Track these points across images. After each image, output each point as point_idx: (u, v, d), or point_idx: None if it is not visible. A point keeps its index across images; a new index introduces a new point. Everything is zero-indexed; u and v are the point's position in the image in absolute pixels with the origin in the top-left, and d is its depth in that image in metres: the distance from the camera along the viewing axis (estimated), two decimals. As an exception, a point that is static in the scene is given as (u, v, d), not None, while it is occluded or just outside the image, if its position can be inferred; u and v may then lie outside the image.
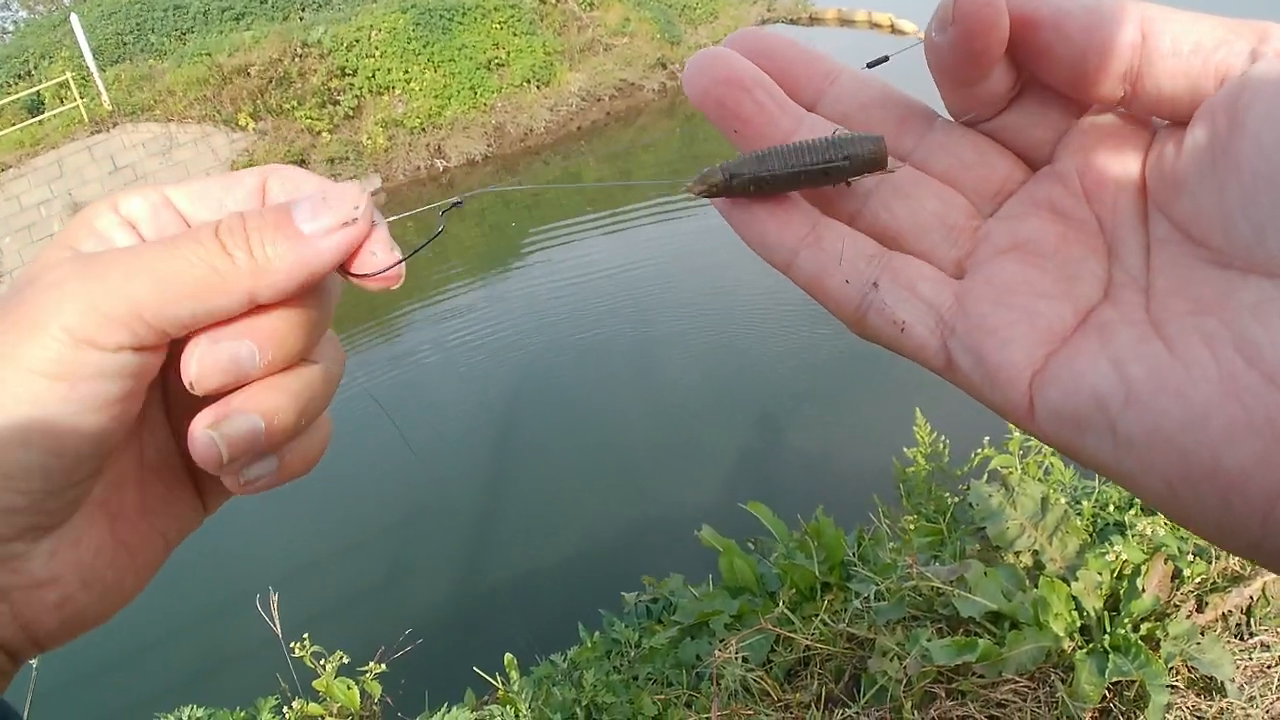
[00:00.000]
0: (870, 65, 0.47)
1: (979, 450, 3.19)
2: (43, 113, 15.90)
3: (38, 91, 16.30)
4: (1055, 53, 0.39)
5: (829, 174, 0.42)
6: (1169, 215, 0.38)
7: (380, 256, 0.43)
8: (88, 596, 0.45)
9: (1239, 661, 2.23)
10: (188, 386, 0.42)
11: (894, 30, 20.51)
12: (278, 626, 3.23)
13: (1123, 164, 0.41)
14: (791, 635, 2.51)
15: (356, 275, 0.44)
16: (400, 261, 0.44)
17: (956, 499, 3.10)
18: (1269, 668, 2.24)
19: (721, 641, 2.57)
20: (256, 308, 0.43)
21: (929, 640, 2.26)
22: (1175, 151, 0.37)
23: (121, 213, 0.46)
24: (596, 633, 3.11)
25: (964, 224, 0.43)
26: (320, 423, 0.49)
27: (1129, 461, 0.34)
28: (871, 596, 2.55)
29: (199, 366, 0.42)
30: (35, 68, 17.82)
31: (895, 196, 0.43)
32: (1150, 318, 0.36)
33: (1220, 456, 0.31)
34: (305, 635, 3.16)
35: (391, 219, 0.45)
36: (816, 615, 2.58)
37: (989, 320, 0.39)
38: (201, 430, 0.42)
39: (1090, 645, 2.25)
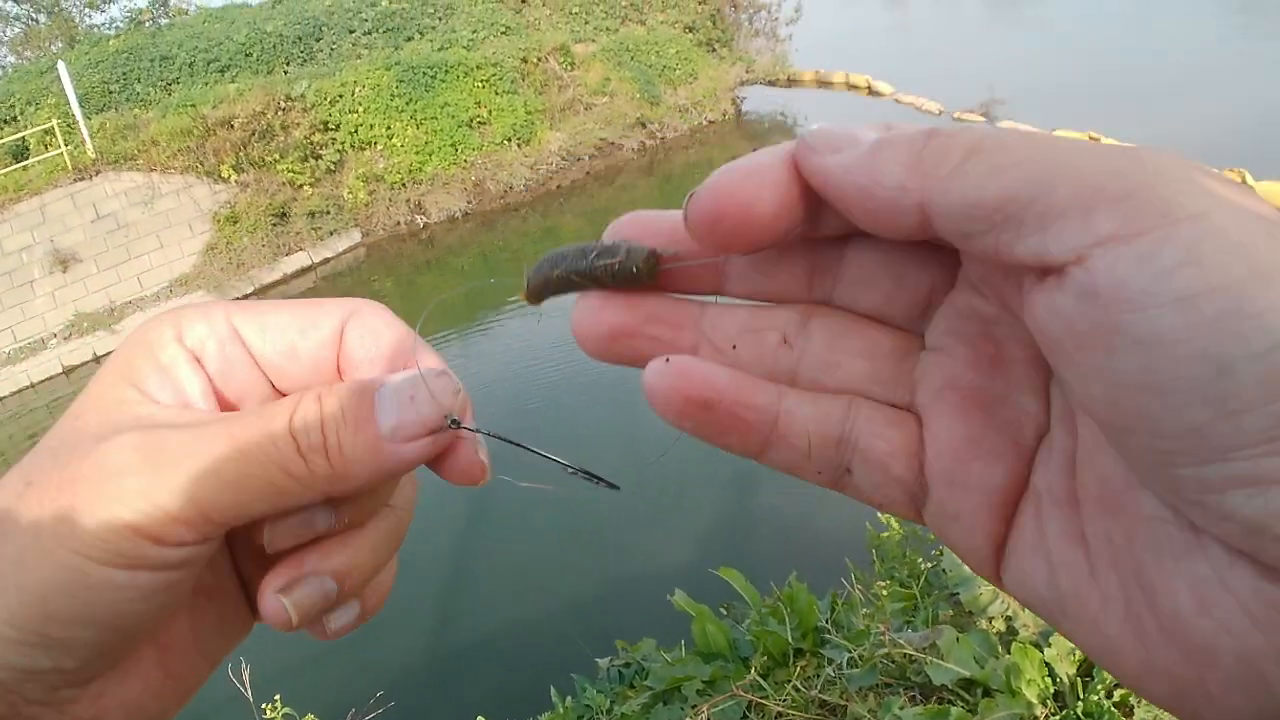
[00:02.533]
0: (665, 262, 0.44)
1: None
2: (27, 159, 15.91)
3: (23, 137, 16.31)
4: (848, 215, 0.36)
5: (600, 278, 0.42)
6: None
7: (465, 462, 0.43)
8: None
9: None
10: (265, 546, 0.42)
11: (870, 91, 20.80)
12: (249, 692, 3.19)
13: (1014, 277, 0.35)
14: (763, 702, 2.49)
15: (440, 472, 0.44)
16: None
17: (929, 564, 3.10)
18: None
19: (694, 708, 2.55)
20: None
21: (901, 708, 2.25)
22: (1037, 300, 0.32)
23: (187, 344, 0.44)
24: (568, 698, 3.07)
25: (898, 370, 0.40)
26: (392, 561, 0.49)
27: (1081, 650, 0.35)
28: (844, 663, 2.53)
29: (273, 535, 0.42)
30: (21, 113, 17.84)
31: (823, 369, 0.41)
32: (1073, 494, 0.34)
33: (1141, 687, 0.32)
34: (276, 696, 3.12)
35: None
36: (789, 681, 2.56)
37: (948, 505, 0.38)
38: (272, 595, 0.42)
39: (1064, 712, 2.24)
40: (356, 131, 17.30)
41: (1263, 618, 0.28)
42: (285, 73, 19.57)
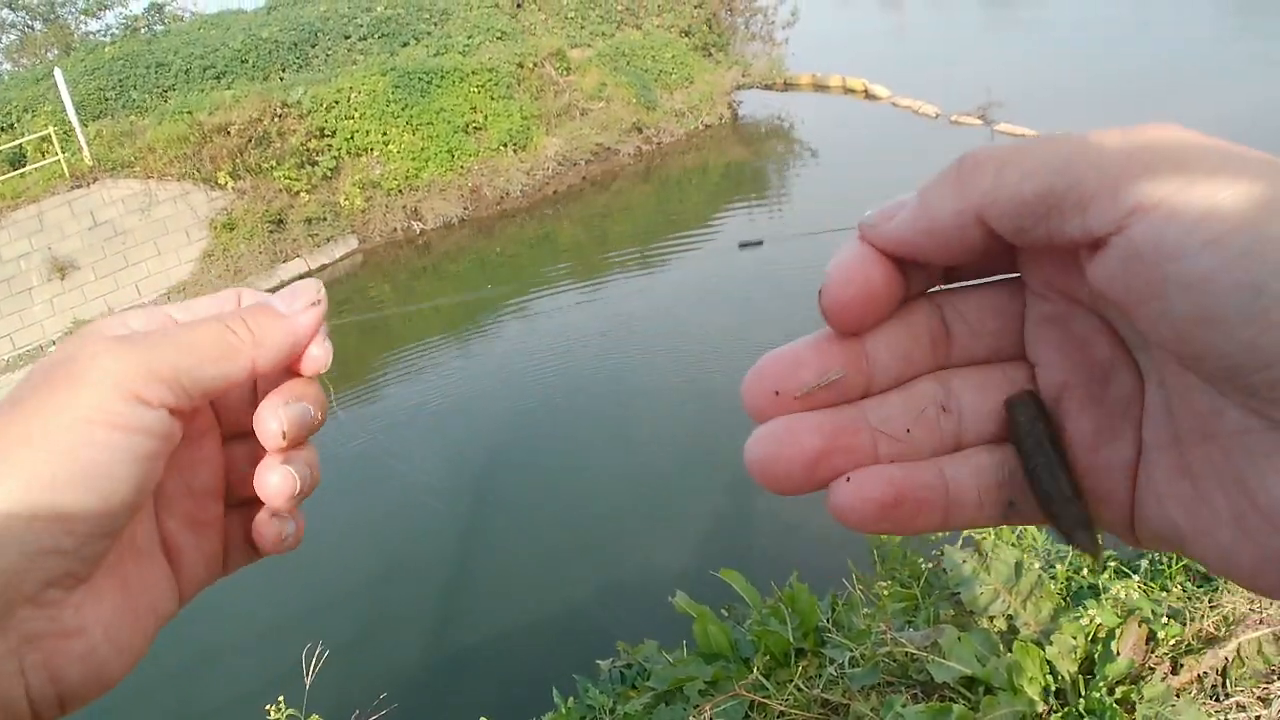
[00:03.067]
0: (743, 246, 0.50)
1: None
2: (24, 166, 15.90)
3: (20, 144, 16.30)
4: (928, 259, 0.42)
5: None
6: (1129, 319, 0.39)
7: (317, 351, 0.56)
8: (108, 651, 0.49)
9: (1214, 725, 2.23)
10: (276, 438, 0.54)
11: (868, 95, 20.83)
12: (308, 679, 3.20)
13: (1077, 272, 0.40)
14: (766, 701, 2.49)
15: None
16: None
17: (930, 564, 3.10)
18: (1247, 731, 2.23)
19: (696, 708, 2.55)
20: (297, 379, 0.56)
21: (904, 706, 2.25)
22: (1095, 268, 0.37)
23: (130, 325, 0.53)
24: (571, 699, 3.07)
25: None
26: None
27: (1210, 568, 0.39)
28: (846, 662, 2.53)
29: (286, 419, 0.54)
30: (18, 121, 17.86)
31: (978, 418, 0.46)
32: (1172, 429, 0.39)
33: (1255, 583, 0.37)
34: (280, 698, 3.12)
35: None
36: (791, 681, 2.56)
37: (1098, 492, 0.43)
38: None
39: (1065, 709, 2.24)
40: (353, 138, 17.30)
41: None
42: (281, 79, 19.57)
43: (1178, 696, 2.24)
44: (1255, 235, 0.32)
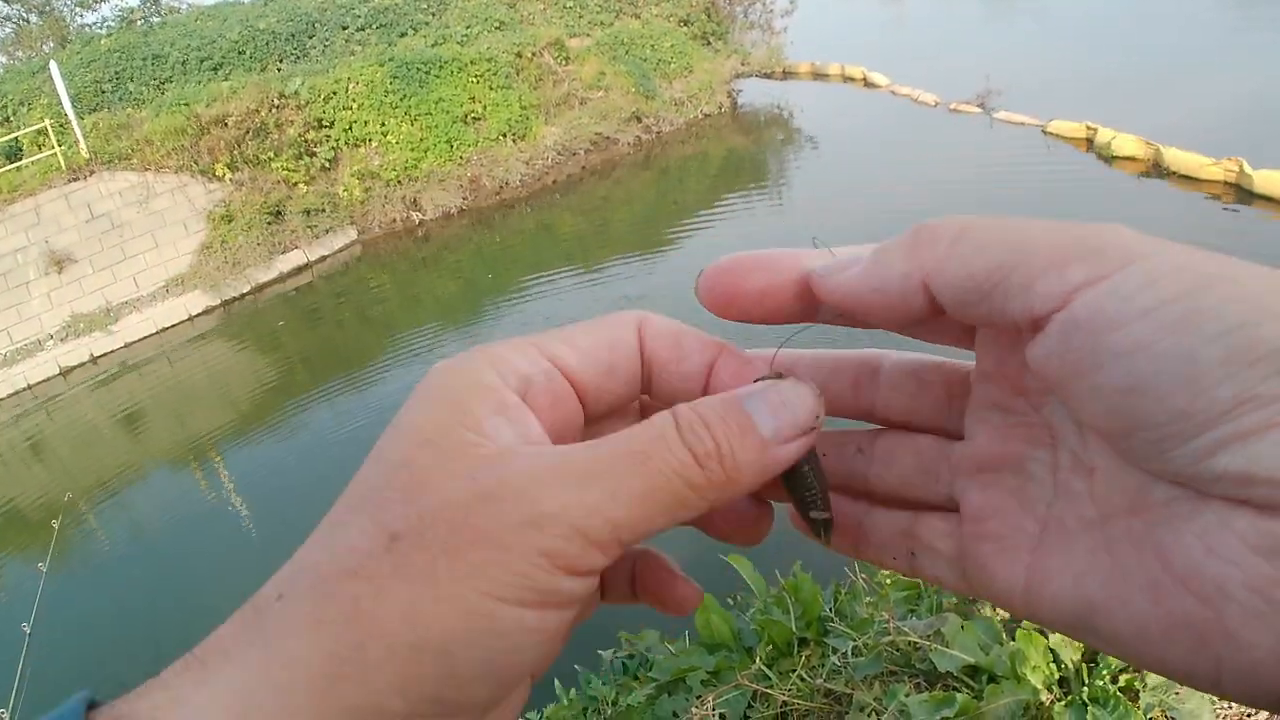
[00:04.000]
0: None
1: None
2: (20, 159, 15.90)
3: (16, 138, 16.29)
4: (870, 316, 0.43)
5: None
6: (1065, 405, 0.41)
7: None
8: None
9: (1218, 711, 2.23)
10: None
11: (866, 83, 20.79)
12: None
13: (1020, 353, 0.40)
14: (769, 691, 2.49)
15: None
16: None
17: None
18: (1248, 716, 2.23)
19: (698, 698, 2.55)
20: None
21: (907, 695, 2.25)
22: (1034, 348, 0.38)
23: (512, 383, 0.42)
24: (573, 690, 3.07)
25: (938, 463, 0.47)
26: None
27: (1114, 651, 0.38)
28: (849, 652, 2.53)
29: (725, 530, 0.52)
30: (13, 114, 17.87)
31: (884, 466, 0.49)
32: (1097, 509, 0.39)
33: (1165, 655, 0.36)
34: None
35: None
36: (794, 671, 2.56)
37: (979, 558, 0.44)
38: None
39: (1069, 698, 2.24)
40: (351, 128, 17.28)
41: (1264, 546, 0.32)
42: (279, 70, 19.55)
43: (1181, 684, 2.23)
44: (1190, 305, 0.33)
